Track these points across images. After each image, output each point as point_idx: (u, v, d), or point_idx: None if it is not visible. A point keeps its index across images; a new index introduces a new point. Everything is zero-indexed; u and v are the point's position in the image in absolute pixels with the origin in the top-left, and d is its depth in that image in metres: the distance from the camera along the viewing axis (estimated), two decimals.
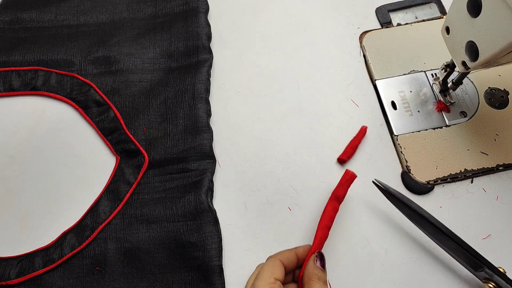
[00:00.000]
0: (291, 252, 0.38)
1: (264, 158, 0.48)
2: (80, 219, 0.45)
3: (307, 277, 0.36)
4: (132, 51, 0.53)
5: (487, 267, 0.37)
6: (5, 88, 0.52)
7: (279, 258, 0.37)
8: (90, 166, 0.48)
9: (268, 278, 0.35)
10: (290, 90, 0.51)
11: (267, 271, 0.35)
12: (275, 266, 0.36)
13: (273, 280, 0.35)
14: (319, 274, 0.36)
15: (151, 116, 0.49)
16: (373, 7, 0.56)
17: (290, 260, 0.37)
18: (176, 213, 0.43)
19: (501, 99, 0.49)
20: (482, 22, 0.36)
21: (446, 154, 0.46)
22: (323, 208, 0.41)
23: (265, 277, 0.35)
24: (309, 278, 0.36)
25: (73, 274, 0.42)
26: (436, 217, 0.44)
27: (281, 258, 0.37)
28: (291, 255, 0.38)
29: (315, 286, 0.35)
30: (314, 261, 0.37)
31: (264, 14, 0.56)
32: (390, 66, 0.52)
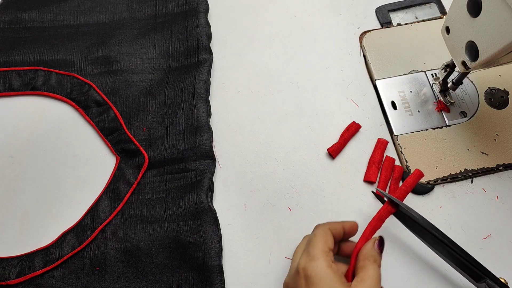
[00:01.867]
0: (339, 224, 0.38)
1: (264, 158, 0.48)
2: (80, 219, 0.45)
3: (363, 256, 0.35)
4: (132, 51, 0.53)
5: (489, 278, 0.37)
6: (5, 88, 0.52)
7: (329, 228, 0.37)
8: (90, 166, 0.48)
9: (322, 246, 0.35)
10: (290, 90, 0.51)
11: (320, 240, 0.35)
12: (327, 236, 0.36)
13: (327, 249, 0.35)
14: (376, 256, 0.35)
15: (151, 116, 0.49)
16: (373, 7, 0.56)
17: (338, 231, 0.37)
18: (176, 213, 0.43)
19: (501, 99, 0.49)
20: (482, 22, 0.36)
21: (446, 154, 0.46)
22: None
23: (319, 245, 0.35)
24: (365, 258, 0.35)
25: (73, 274, 0.42)
26: (436, 217, 0.44)
27: (331, 228, 0.37)
28: (339, 227, 0.37)
29: (369, 267, 0.34)
30: (373, 243, 0.36)
31: (264, 14, 0.56)
32: (390, 66, 0.52)
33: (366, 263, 0.35)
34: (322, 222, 0.38)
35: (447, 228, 0.43)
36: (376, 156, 0.46)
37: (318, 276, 0.33)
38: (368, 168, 0.46)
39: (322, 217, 0.44)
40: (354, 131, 0.48)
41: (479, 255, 0.41)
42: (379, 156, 0.46)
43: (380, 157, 0.46)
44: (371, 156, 0.47)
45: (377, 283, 0.34)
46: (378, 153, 0.47)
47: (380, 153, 0.47)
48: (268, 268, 0.43)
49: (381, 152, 0.47)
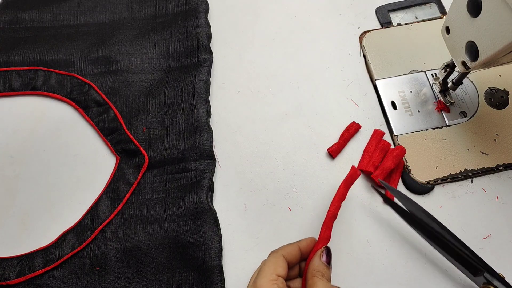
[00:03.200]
0: (293, 247, 0.37)
1: (264, 158, 0.48)
2: (80, 219, 0.45)
3: (310, 273, 0.35)
4: (132, 51, 0.53)
5: (486, 271, 0.37)
6: (5, 88, 0.52)
7: (282, 253, 0.36)
8: (90, 166, 0.48)
9: (270, 274, 0.34)
10: (290, 90, 0.51)
11: (269, 267, 0.34)
12: (277, 262, 0.35)
13: (275, 277, 0.34)
14: (323, 271, 0.35)
15: (151, 116, 0.49)
16: (373, 7, 0.56)
17: (292, 254, 0.37)
18: (176, 213, 0.43)
19: (501, 99, 0.49)
20: (482, 22, 0.36)
21: (446, 154, 0.46)
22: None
23: (267, 273, 0.34)
24: (312, 275, 0.35)
25: (73, 274, 0.42)
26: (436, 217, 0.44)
27: (284, 253, 0.36)
28: (293, 250, 0.37)
29: (318, 284, 0.34)
30: (320, 256, 0.36)
31: (264, 14, 0.56)
32: (390, 66, 0.52)
33: (314, 280, 0.34)
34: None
35: None
36: (371, 146, 0.47)
37: None
38: (362, 157, 0.47)
39: (322, 217, 0.44)
40: (354, 131, 0.48)
41: (479, 255, 0.42)
42: (374, 146, 0.47)
43: (375, 147, 0.47)
44: (366, 146, 0.47)
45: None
46: (373, 144, 0.47)
47: (376, 143, 0.47)
48: None
49: (377, 142, 0.47)
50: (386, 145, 0.46)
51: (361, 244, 0.43)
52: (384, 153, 0.46)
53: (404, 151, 0.45)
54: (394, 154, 0.45)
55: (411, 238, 0.43)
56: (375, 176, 0.44)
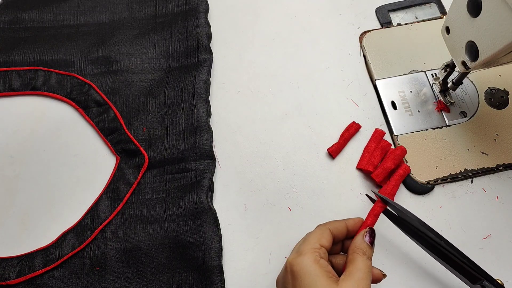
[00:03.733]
0: (341, 223, 0.38)
1: (264, 158, 0.48)
2: (80, 219, 0.45)
3: (352, 249, 0.35)
4: (132, 51, 0.53)
5: (485, 280, 0.37)
6: (5, 88, 0.52)
7: (329, 227, 0.37)
8: (90, 166, 0.48)
9: (313, 243, 0.35)
10: (290, 90, 0.51)
11: (314, 237, 0.35)
12: (322, 234, 0.36)
13: (318, 246, 0.35)
14: (365, 249, 0.35)
15: (151, 116, 0.49)
16: (373, 7, 0.56)
17: (339, 230, 0.37)
18: (176, 213, 0.43)
19: (501, 99, 0.49)
20: (482, 22, 0.36)
21: (446, 154, 0.46)
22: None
23: (311, 242, 0.35)
24: (353, 251, 0.35)
25: (73, 274, 0.42)
26: (436, 217, 0.44)
27: (331, 227, 0.37)
28: (340, 226, 0.37)
29: (358, 260, 0.34)
30: (363, 235, 0.36)
31: (264, 14, 0.56)
32: (390, 66, 0.52)
33: (354, 256, 0.35)
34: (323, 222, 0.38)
35: (447, 228, 0.43)
36: (371, 145, 0.47)
37: (303, 271, 0.33)
38: (362, 156, 0.47)
39: (322, 217, 0.44)
40: (354, 131, 0.48)
41: (479, 255, 0.42)
42: (374, 146, 0.47)
43: (375, 146, 0.47)
44: (366, 145, 0.47)
45: (366, 275, 0.33)
46: (373, 143, 0.47)
47: (376, 143, 0.47)
48: (268, 268, 0.42)
49: (377, 142, 0.47)
50: (387, 145, 0.46)
51: None
52: (384, 153, 0.46)
53: (404, 152, 0.45)
54: (395, 155, 0.45)
55: (411, 239, 0.43)
56: (374, 176, 0.44)
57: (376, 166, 0.45)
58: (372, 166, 0.45)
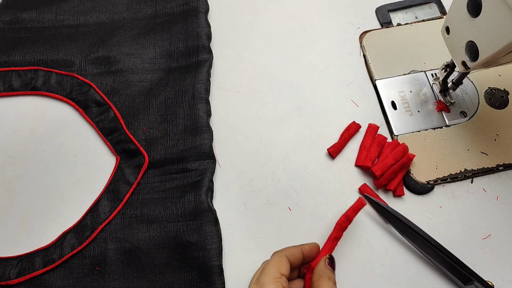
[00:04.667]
0: (297, 249, 0.38)
1: (264, 158, 0.48)
2: (80, 219, 0.45)
3: (317, 275, 0.36)
4: (132, 51, 0.53)
5: (476, 281, 0.37)
6: (5, 88, 0.52)
7: (285, 254, 0.37)
8: (90, 166, 0.48)
9: (274, 273, 0.35)
10: (290, 90, 0.51)
11: (273, 266, 0.35)
12: (281, 262, 0.36)
13: (278, 275, 0.35)
14: (329, 274, 0.36)
15: (151, 116, 0.49)
16: (373, 7, 0.56)
17: (295, 256, 0.37)
18: (176, 213, 0.43)
19: (501, 99, 0.49)
20: (482, 22, 0.36)
21: (446, 154, 0.46)
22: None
23: (271, 272, 0.35)
24: (320, 276, 0.36)
25: (73, 274, 0.42)
26: (436, 217, 0.44)
27: (287, 254, 0.37)
28: (297, 252, 0.38)
29: (325, 285, 0.35)
30: (325, 261, 0.37)
31: (264, 14, 0.56)
32: (390, 66, 0.52)
33: (321, 281, 0.35)
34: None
35: (447, 228, 0.43)
36: (367, 141, 0.47)
37: None
38: (359, 153, 0.47)
39: (322, 217, 0.44)
40: (354, 131, 0.48)
41: (479, 255, 0.42)
42: (370, 141, 0.47)
43: (371, 142, 0.47)
44: (362, 141, 0.47)
45: None
46: (369, 138, 0.47)
47: (371, 138, 0.47)
48: None
49: (372, 137, 0.47)
50: (382, 139, 0.47)
51: (361, 244, 0.43)
52: (381, 147, 0.46)
53: (406, 149, 0.45)
54: (396, 150, 0.45)
55: (401, 244, 0.43)
56: (374, 169, 0.44)
57: (374, 160, 0.46)
58: (370, 162, 0.45)
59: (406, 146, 0.45)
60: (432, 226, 0.43)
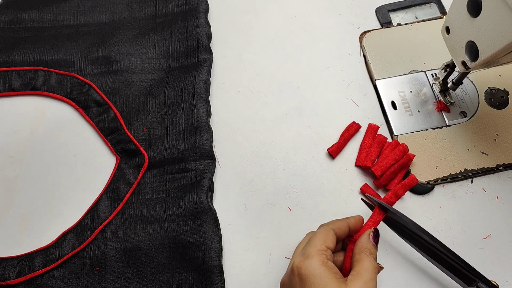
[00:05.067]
0: (343, 222, 0.38)
1: (264, 158, 0.48)
2: (80, 219, 0.45)
3: (358, 249, 0.35)
4: (132, 51, 0.53)
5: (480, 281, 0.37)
6: (5, 88, 0.52)
7: (332, 227, 0.36)
8: (90, 166, 0.48)
9: (320, 245, 0.34)
10: (290, 90, 0.51)
11: (320, 238, 0.35)
12: (327, 235, 0.36)
13: (324, 248, 0.34)
14: (371, 249, 0.35)
15: (151, 116, 0.49)
16: (373, 7, 0.56)
17: (342, 230, 0.37)
18: (176, 213, 0.43)
19: (501, 99, 0.49)
20: (482, 22, 0.36)
21: (446, 154, 0.46)
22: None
23: (317, 244, 0.35)
24: (360, 250, 0.35)
25: (73, 274, 0.42)
26: (436, 217, 0.44)
27: (334, 227, 0.37)
28: (343, 225, 0.37)
29: (365, 260, 0.34)
30: (368, 235, 0.36)
31: (264, 14, 0.56)
32: (390, 66, 0.52)
33: (361, 256, 0.35)
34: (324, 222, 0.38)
35: (447, 228, 0.43)
36: (367, 141, 0.47)
37: (312, 274, 0.33)
38: (359, 153, 0.47)
39: (322, 217, 0.44)
40: (354, 131, 0.48)
41: (479, 255, 0.42)
42: (370, 141, 0.47)
43: (371, 141, 0.47)
44: (362, 141, 0.47)
45: (373, 276, 0.34)
46: (369, 138, 0.47)
47: (371, 138, 0.47)
48: (268, 268, 0.43)
49: (372, 136, 0.47)
50: (382, 139, 0.47)
51: None
52: (381, 147, 0.46)
53: (406, 148, 0.45)
54: (396, 150, 0.45)
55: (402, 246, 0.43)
56: (374, 169, 0.44)
57: (374, 160, 0.46)
58: (370, 162, 0.45)
59: (406, 146, 0.45)
60: (432, 226, 0.43)
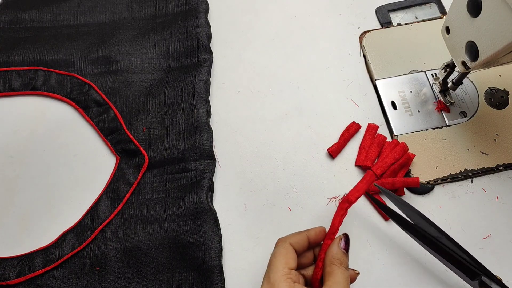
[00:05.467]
0: (302, 236, 0.36)
1: (264, 158, 0.48)
2: (80, 219, 0.45)
3: (328, 260, 0.34)
4: (132, 51, 0.53)
5: (484, 275, 0.37)
6: (5, 88, 0.52)
7: (290, 242, 0.35)
8: (90, 166, 0.48)
9: (282, 268, 0.33)
10: (290, 90, 0.51)
11: (280, 261, 0.34)
12: (287, 254, 0.34)
13: (287, 271, 0.33)
14: (341, 259, 0.34)
15: (151, 116, 0.49)
16: (373, 7, 0.56)
17: (300, 244, 0.36)
18: (176, 213, 0.43)
19: (501, 99, 0.49)
20: (482, 22, 0.36)
21: (446, 154, 0.46)
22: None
23: (279, 267, 0.34)
24: (331, 262, 0.34)
25: (73, 274, 0.42)
26: (436, 217, 0.44)
27: (292, 241, 0.35)
28: (302, 239, 0.36)
29: (336, 272, 0.33)
30: (338, 243, 0.35)
31: (264, 14, 0.56)
32: (390, 66, 0.52)
33: (332, 268, 0.34)
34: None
35: (447, 228, 0.43)
36: (367, 141, 0.47)
37: None
38: (359, 153, 0.47)
39: (322, 217, 0.44)
40: (354, 131, 0.48)
41: (479, 255, 0.41)
42: (370, 141, 0.47)
43: (371, 141, 0.47)
44: (362, 141, 0.47)
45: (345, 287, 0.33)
46: (368, 138, 0.47)
47: (371, 138, 0.47)
48: None
49: (372, 136, 0.47)
50: (382, 138, 0.47)
51: (361, 244, 0.43)
52: (381, 147, 0.46)
53: (405, 147, 0.45)
54: (396, 149, 0.45)
55: (411, 239, 0.43)
56: (374, 169, 0.44)
57: (374, 160, 0.46)
58: (370, 161, 0.45)
59: (405, 145, 0.45)
60: None
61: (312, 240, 0.37)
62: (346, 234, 0.36)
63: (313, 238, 0.37)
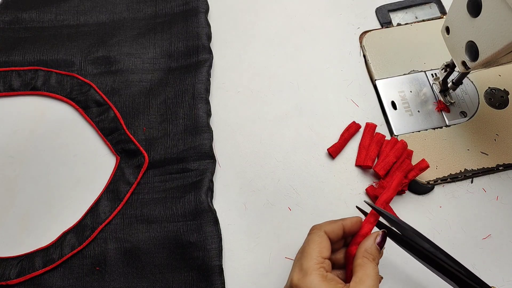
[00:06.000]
0: (337, 225, 0.36)
1: (264, 158, 0.48)
2: (80, 219, 0.45)
3: (361, 253, 0.34)
4: (132, 51, 0.53)
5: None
6: (5, 88, 0.52)
7: (325, 230, 0.35)
8: (90, 166, 0.48)
9: (316, 257, 0.33)
10: (290, 90, 0.51)
11: (314, 249, 0.33)
12: (321, 243, 0.34)
13: (321, 260, 0.33)
14: (374, 254, 0.34)
15: (151, 116, 0.49)
16: (373, 7, 0.56)
17: (335, 233, 0.35)
18: (176, 213, 0.43)
19: (501, 99, 0.49)
20: (482, 22, 0.36)
21: (446, 154, 0.46)
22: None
23: (313, 256, 0.33)
24: (363, 255, 0.34)
25: (73, 274, 0.42)
26: (436, 217, 0.44)
27: (327, 230, 0.35)
28: (337, 228, 0.35)
29: (368, 266, 0.33)
30: (374, 239, 0.34)
31: (264, 14, 0.56)
32: (390, 66, 0.52)
33: (364, 261, 0.33)
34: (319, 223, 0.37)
35: (447, 228, 0.43)
36: (366, 140, 0.47)
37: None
38: (358, 153, 0.47)
39: (322, 217, 0.44)
40: (354, 131, 0.48)
41: (479, 255, 0.42)
42: (369, 140, 0.47)
43: (370, 141, 0.47)
44: (360, 141, 0.47)
45: (375, 282, 0.32)
46: (367, 137, 0.47)
47: (370, 137, 0.47)
48: (268, 268, 0.43)
49: (370, 135, 0.47)
50: (381, 137, 0.47)
51: None
52: (380, 146, 0.46)
53: (405, 145, 0.45)
54: (396, 148, 0.45)
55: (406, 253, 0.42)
56: (378, 169, 0.44)
57: (374, 160, 0.46)
58: (370, 161, 0.45)
59: (405, 143, 0.45)
60: (432, 226, 0.43)
61: (348, 230, 0.36)
62: (385, 231, 0.35)
63: (348, 228, 0.36)
